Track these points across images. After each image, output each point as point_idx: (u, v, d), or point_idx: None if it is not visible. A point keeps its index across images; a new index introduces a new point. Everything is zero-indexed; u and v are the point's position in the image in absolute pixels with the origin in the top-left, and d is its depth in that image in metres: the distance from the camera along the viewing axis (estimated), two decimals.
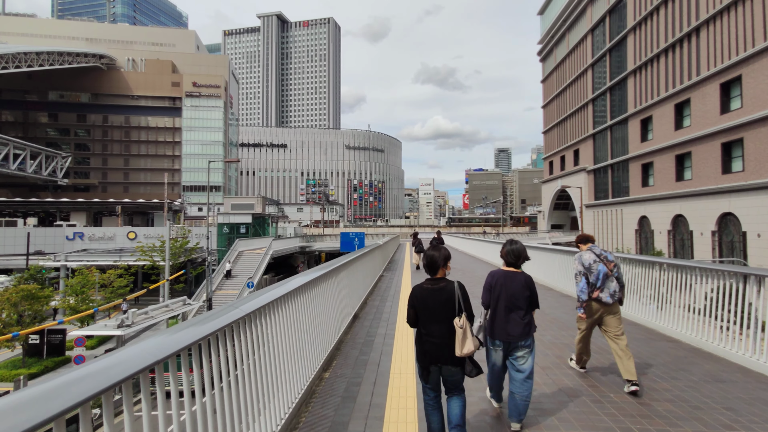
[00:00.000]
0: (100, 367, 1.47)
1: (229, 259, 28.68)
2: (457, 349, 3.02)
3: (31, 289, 19.28)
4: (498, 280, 3.65)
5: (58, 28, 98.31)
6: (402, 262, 20.39)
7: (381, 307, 8.24)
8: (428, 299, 3.15)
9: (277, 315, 3.42)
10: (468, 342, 3.02)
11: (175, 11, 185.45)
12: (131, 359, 1.59)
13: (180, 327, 2.08)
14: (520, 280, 3.61)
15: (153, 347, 1.75)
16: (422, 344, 3.14)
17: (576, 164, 54.98)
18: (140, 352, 1.67)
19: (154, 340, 1.82)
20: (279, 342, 3.38)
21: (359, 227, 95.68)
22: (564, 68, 59.54)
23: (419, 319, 3.18)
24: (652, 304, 6.87)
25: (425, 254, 3.35)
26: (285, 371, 3.44)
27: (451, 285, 3.18)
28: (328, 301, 5.08)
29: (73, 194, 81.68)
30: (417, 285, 3.28)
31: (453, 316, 3.08)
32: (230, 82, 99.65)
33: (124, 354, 1.63)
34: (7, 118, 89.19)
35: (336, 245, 44.37)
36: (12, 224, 49.10)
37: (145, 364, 1.61)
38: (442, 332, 3.08)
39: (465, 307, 3.13)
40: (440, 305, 3.11)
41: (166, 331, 1.95)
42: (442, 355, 3.07)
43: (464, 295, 3.16)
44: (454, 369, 3.10)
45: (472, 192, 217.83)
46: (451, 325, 3.08)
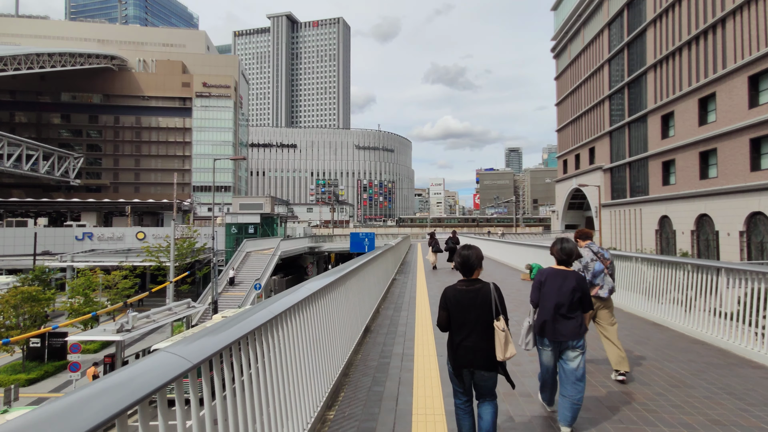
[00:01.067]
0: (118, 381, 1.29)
1: (233, 266, 27.69)
2: (499, 353, 2.91)
3: (31, 291, 18.78)
4: (548, 278, 3.55)
5: (71, 29, 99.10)
6: (414, 263, 19.48)
7: (395, 317, 7.39)
8: (462, 301, 3.02)
9: (273, 339, 2.59)
10: (511, 345, 2.92)
11: (186, 12, 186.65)
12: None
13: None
14: (572, 279, 3.50)
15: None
16: (455, 348, 3.03)
17: (591, 163, 53.52)
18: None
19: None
20: (274, 377, 2.54)
21: (369, 227, 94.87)
22: (578, 65, 58.08)
23: (452, 322, 3.06)
24: (678, 306, 6.69)
25: (459, 254, 3.19)
26: (280, 413, 2.58)
27: (487, 287, 3.05)
28: (334, 315, 4.22)
29: (85, 194, 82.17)
30: (450, 286, 3.15)
31: (488, 319, 2.98)
32: (240, 83, 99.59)
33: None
34: (20, 119, 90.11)
35: (346, 246, 43.62)
36: (22, 224, 49.19)
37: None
38: (477, 336, 2.98)
39: (502, 309, 3.03)
40: (475, 308, 2.99)
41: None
42: (475, 360, 2.96)
43: (500, 297, 3.04)
44: (487, 374, 2.98)
45: (483, 192, 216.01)
46: (486, 329, 2.97)
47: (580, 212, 66.59)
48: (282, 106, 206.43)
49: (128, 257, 31.15)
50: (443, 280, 12.86)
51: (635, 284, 7.93)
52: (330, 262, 54.03)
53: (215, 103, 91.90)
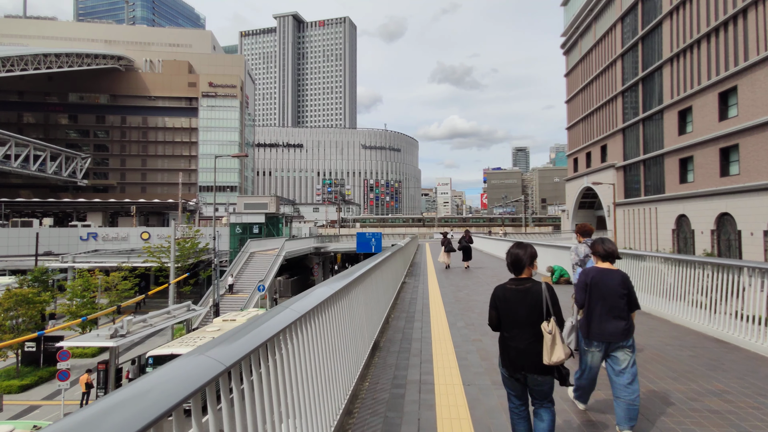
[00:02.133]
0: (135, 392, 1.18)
1: (232, 272, 26.52)
2: (545, 357, 2.79)
3: (25, 293, 18.12)
4: (593, 277, 3.48)
5: (78, 30, 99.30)
6: (424, 265, 18.56)
7: (408, 330, 6.51)
8: (512, 301, 2.93)
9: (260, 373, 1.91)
10: (558, 349, 2.78)
11: (193, 14, 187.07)
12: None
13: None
14: (617, 277, 3.46)
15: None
16: (506, 350, 2.94)
17: (603, 161, 52.21)
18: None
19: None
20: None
21: (377, 225, 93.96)
22: (590, 60, 56.77)
23: (501, 322, 2.98)
24: (701, 309, 6.54)
25: (509, 252, 3.08)
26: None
27: (538, 286, 2.94)
28: (335, 337, 3.36)
29: (93, 195, 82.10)
30: (499, 285, 3.07)
31: (540, 320, 2.87)
32: (246, 82, 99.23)
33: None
34: (28, 120, 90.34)
35: (352, 246, 42.81)
36: (28, 224, 48.91)
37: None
38: (527, 337, 2.87)
39: (554, 310, 2.90)
40: (525, 308, 2.89)
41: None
42: (527, 363, 2.85)
43: (553, 298, 2.92)
44: (540, 378, 2.86)
45: (490, 191, 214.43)
46: (537, 330, 2.85)
47: (591, 211, 65.21)
48: (288, 106, 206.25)
49: (130, 258, 30.54)
50: (457, 283, 11.94)
51: (654, 285, 7.75)
52: (336, 262, 53.23)
53: (221, 102, 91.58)
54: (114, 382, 13.66)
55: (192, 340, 15.13)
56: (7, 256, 41.07)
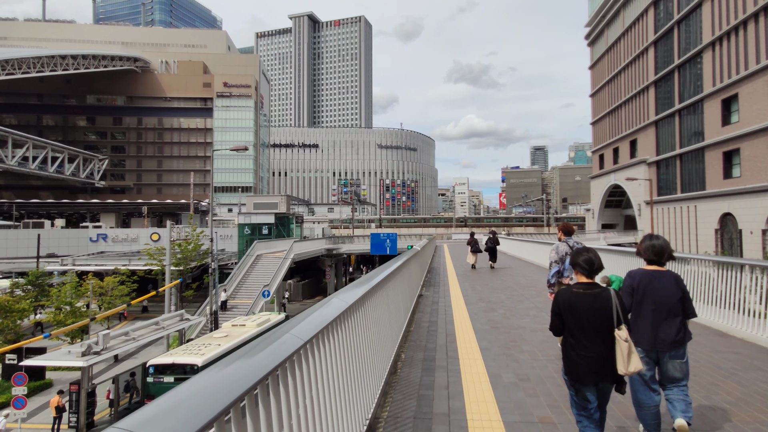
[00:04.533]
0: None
1: (227, 287, 24.19)
2: (620, 366, 2.70)
3: (2, 300, 16.64)
4: (641, 281, 3.21)
5: (96, 33, 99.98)
6: (443, 270, 16.35)
7: (427, 384, 4.20)
8: (578, 306, 2.80)
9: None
10: (634, 358, 2.71)
11: (210, 16, 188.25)
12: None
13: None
14: (669, 280, 3.18)
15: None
16: (572, 358, 2.81)
17: (633, 156, 49.09)
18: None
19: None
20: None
21: (393, 226, 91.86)
22: (617, 50, 53.59)
23: (566, 329, 2.86)
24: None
25: (584, 258, 2.94)
26: None
27: (608, 292, 2.82)
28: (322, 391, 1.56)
29: (110, 196, 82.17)
30: (564, 288, 2.99)
31: (608, 327, 2.75)
32: (261, 82, 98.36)
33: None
34: (48, 122, 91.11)
35: (366, 247, 40.85)
36: (39, 225, 48.38)
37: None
38: (596, 345, 2.75)
39: (624, 318, 2.78)
40: (594, 314, 2.77)
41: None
42: (603, 372, 2.74)
43: (622, 304, 2.80)
44: (610, 386, 2.82)
45: (509, 190, 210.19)
46: (606, 337, 2.75)
47: (619, 210, 61.86)
48: (304, 106, 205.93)
49: (131, 261, 29.17)
50: (487, 297, 9.72)
51: (702, 292, 7.03)
52: (349, 264, 51.29)
53: (236, 102, 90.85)
54: (86, 407, 11.87)
55: (197, 348, 13.79)
56: (16, 258, 40.37)
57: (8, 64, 68.06)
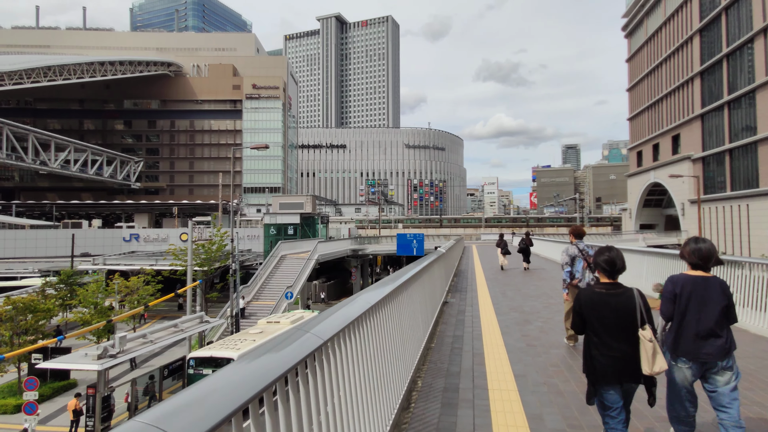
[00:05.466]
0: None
1: (244, 294, 23.63)
2: (645, 366, 2.70)
3: (27, 300, 16.81)
4: (684, 286, 3.02)
5: (132, 40, 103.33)
6: (471, 274, 15.36)
7: (446, 423, 3.38)
8: (601, 306, 2.81)
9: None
10: (659, 358, 2.70)
11: (240, 20, 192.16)
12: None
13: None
14: (715, 286, 3.00)
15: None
16: (594, 357, 2.81)
17: (675, 152, 46.34)
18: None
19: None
20: None
21: (420, 226, 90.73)
22: (658, 41, 50.78)
23: (587, 328, 2.87)
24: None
25: (606, 257, 2.95)
26: None
27: (631, 292, 2.83)
28: None
29: (145, 197, 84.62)
30: (586, 288, 3.03)
31: (632, 327, 2.75)
32: (289, 84, 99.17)
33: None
34: (88, 126, 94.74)
35: (392, 248, 40.10)
36: (77, 226, 50.04)
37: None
38: (619, 345, 2.75)
39: (648, 318, 2.77)
40: (617, 314, 2.78)
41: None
42: (626, 372, 2.74)
43: (646, 305, 2.82)
44: (635, 386, 2.82)
45: (540, 190, 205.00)
46: (630, 337, 2.75)
47: (659, 210, 58.74)
48: (332, 107, 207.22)
49: (158, 261, 29.46)
50: (521, 306, 8.74)
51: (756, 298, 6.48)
52: (376, 265, 50.65)
53: (264, 104, 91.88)
54: (101, 411, 11.58)
55: (233, 343, 14.45)
56: (55, 257, 41.76)
57: (50, 71, 71.03)
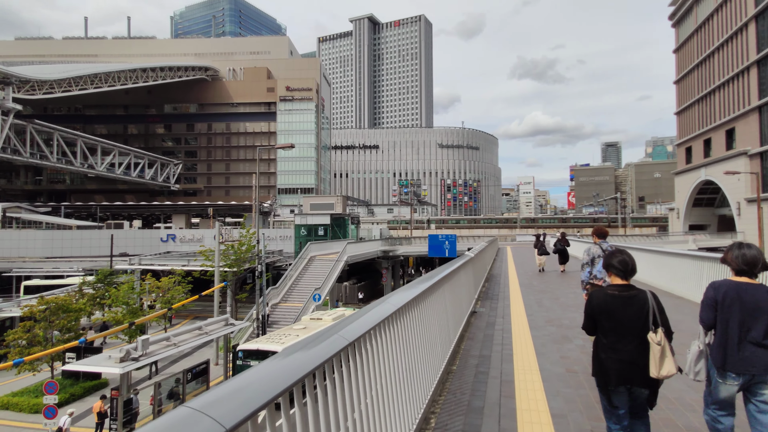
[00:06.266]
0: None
1: (270, 300, 23.01)
2: (653, 370, 2.65)
3: (60, 300, 17.18)
4: (727, 293, 2.86)
5: (172, 46, 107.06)
6: (504, 278, 14.40)
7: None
8: (613, 308, 2.78)
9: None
10: (668, 361, 2.64)
11: (275, 24, 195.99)
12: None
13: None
14: (762, 293, 2.83)
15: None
16: (602, 359, 2.79)
17: (730, 147, 43.13)
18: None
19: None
20: None
21: (454, 227, 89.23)
22: (709, 28, 47.48)
23: (599, 330, 2.85)
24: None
25: (619, 260, 2.90)
26: None
27: (644, 294, 2.81)
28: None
29: (183, 198, 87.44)
30: (598, 290, 2.93)
31: (644, 330, 2.72)
32: (322, 85, 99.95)
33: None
34: (132, 131, 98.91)
35: (424, 249, 39.28)
36: (119, 226, 51.92)
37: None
38: (631, 348, 2.71)
39: (662, 320, 2.74)
40: (629, 317, 2.75)
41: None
42: (634, 375, 2.69)
43: (660, 307, 2.78)
44: (645, 391, 2.75)
45: (578, 189, 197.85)
46: (641, 340, 2.71)
47: (710, 210, 54.98)
48: (365, 107, 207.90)
49: (190, 261, 29.92)
50: (559, 318, 7.83)
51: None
52: (407, 266, 49.93)
53: (298, 106, 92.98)
54: (122, 415, 11.46)
55: (278, 337, 15.72)
56: (98, 256, 43.45)
57: (96, 78, 74.50)
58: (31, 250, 45.24)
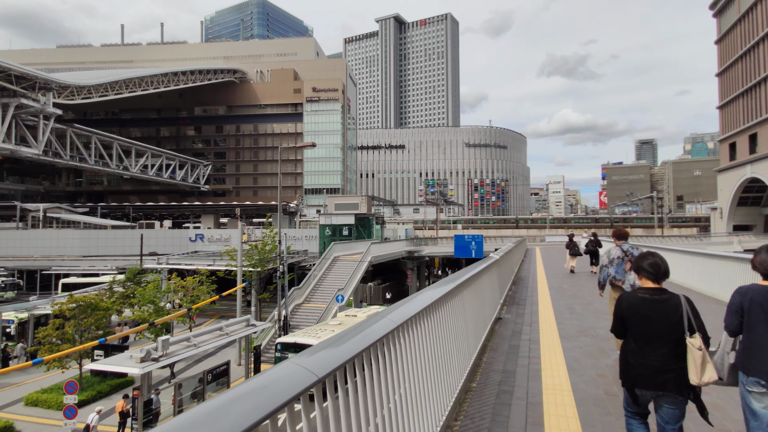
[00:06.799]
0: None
1: (293, 301, 22.57)
2: (693, 376, 2.53)
3: (89, 299, 17.50)
4: (754, 298, 2.77)
5: (202, 50, 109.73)
6: (533, 281, 13.68)
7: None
8: (645, 312, 2.70)
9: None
10: (710, 367, 2.53)
11: (302, 26, 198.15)
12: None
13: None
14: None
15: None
16: (630, 363, 2.70)
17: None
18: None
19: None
20: None
21: (481, 227, 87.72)
22: (754, 17, 44.73)
23: (628, 333, 2.76)
24: None
25: (650, 262, 2.84)
26: None
27: (677, 298, 2.71)
28: None
29: (212, 199, 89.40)
30: (628, 293, 2.86)
31: (676, 335, 2.62)
32: (348, 86, 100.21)
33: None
34: (164, 133, 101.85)
35: (450, 249, 38.58)
36: (150, 226, 53.25)
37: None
38: (662, 353, 2.62)
39: (698, 325, 2.64)
40: (662, 321, 2.66)
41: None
42: (661, 381, 2.59)
43: (695, 312, 2.68)
44: (680, 399, 2.61)
45: (610, 188, 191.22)
46: (672, 346, 2.61)
47: (757, 209, 51.92)
48: (391, 107, 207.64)
49: (215, 261, 30.24)
50: (593, 328, 7.19)
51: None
52: (434, 266, 49.23)
53: (324, 107, 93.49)
54: (143, 414, 11.43)
55: (314, 332, 16.57)
56: (131, 255, 44.72)
57: (131, 83, 77.06)
58: (69, 249, 47.01)
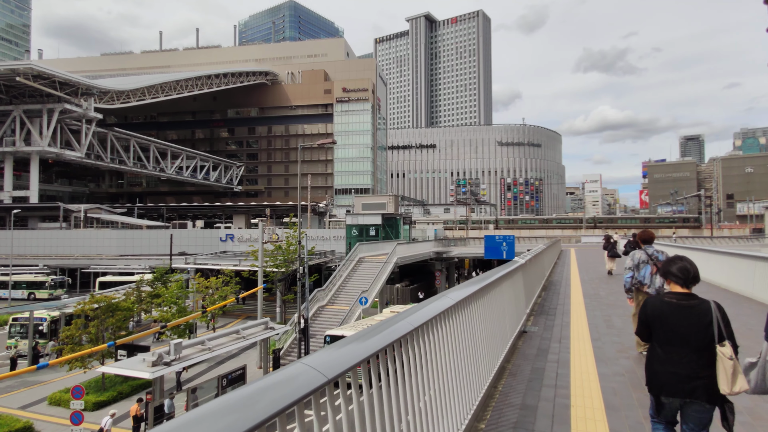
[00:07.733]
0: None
1: (316, 302, 22.44)
2: (724, 385, 2.47)
3: (109, 299, 17.62)
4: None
5: (235, 53, 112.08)
6: (566, 286, 12.56)
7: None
8: (672, 317, 2.63)
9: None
10: (741, 377, 2.48)
11: (333, 28, 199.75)
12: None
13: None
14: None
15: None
16: (655, 370, 2.64)
17: None
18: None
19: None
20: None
21: (513, 227, 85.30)
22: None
23: (654, 338, 2.71)
24: None
25: (679, 266, 2.74)
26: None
27: (707, 304, 2.62)
28: None
29: (245, 199, 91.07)
30: (653, 297, 2.81)
31: (707, 342, 2.54)
32: (378, 86, 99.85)
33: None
34: (199, 135, 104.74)
35: (481, 250, 37.34)
36: (183, 226, 54.43)
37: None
38: (690, 359, 2.54)
39: (728, 333, 2.55)
40: (690, 327, 2.58)
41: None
42: (689, 388, 2.52)
43: (725, 319, 2.59)
44: (708, 406, 2.54)
45: (652, 186, 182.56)
46: (700, 353, 2.54)
47: None
48: (422, 107, 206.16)
49: (241, 261, 30.31)
50: (633, 344, 6.21)
51: None
52: (463, 268, 47.95)
53: (354, 107, 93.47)
54: (153, 419, 11.16)
55: (362, 326, 16.94)
56: (163, 254, 45.84)
57: (167, 86, 79.50)
58: (107, 248, 48.70)
